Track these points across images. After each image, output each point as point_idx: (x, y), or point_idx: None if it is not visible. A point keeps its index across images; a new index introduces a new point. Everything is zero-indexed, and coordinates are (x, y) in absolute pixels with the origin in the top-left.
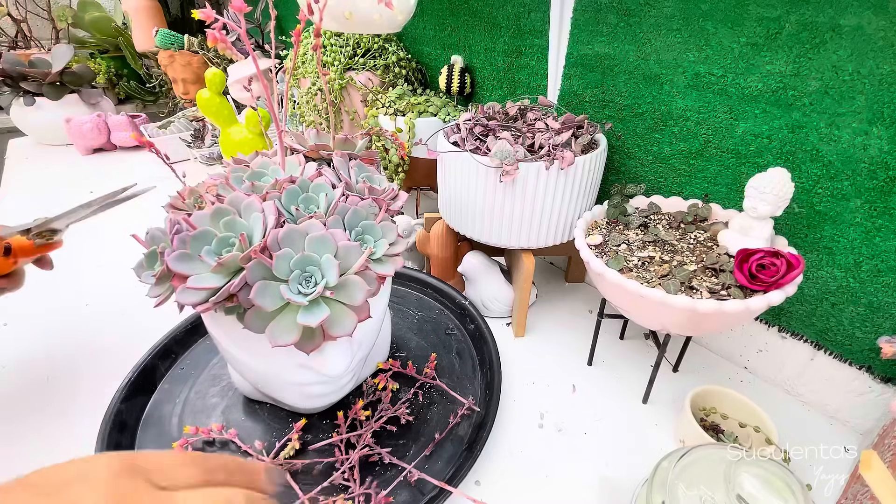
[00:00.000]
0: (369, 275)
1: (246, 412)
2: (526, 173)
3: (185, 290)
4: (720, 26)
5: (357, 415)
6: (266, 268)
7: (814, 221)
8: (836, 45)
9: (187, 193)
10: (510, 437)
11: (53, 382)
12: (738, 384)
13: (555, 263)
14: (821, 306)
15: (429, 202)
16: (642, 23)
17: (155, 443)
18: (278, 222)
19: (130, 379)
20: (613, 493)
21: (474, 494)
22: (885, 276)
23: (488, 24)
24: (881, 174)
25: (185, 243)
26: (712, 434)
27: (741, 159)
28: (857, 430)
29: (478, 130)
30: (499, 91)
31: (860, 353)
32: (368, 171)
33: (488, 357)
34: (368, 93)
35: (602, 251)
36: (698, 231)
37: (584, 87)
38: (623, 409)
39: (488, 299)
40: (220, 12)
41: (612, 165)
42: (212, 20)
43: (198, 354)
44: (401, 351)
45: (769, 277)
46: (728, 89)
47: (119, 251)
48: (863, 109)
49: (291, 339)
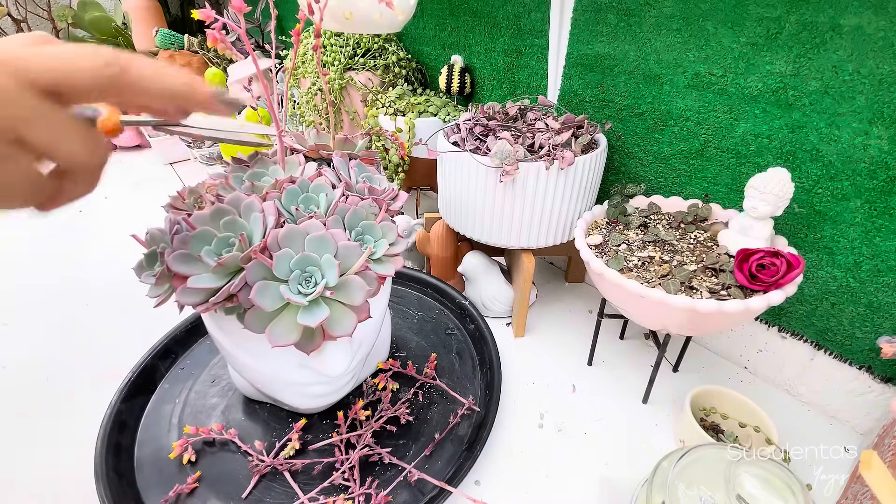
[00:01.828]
0: (369, 275)
1: (246, 412)
2: (526, 173)
3: (185, 290)
4: (720, 26)
5: (357, 415)
6: (266, 268)
7: (814, 221)
8: (836, 45)
9: (187, 193)
10: (510, 437)
11: (53, 382)
12: (738, 384)
13: (555, 263)
14: (821, 306)
15: (429, 202)
16: (642, 23)
17: (155, 443)
18: (278, 222)
19: (130, 379)
20: (613, 493)
21: (474, 494)
22: (885, 276)
23: (488, 24)
24: (881, 174)
25: (185, 243)
26: (712, 434)
27: (741, 159)
28: (857, 430)
29: (478, 130)
30: (499, 91)
31: (860, 353)
32: (368, 171)
33: (488, 357)
34: (368, 93)
35: (602, 251)
36: (698, 231)
37: (584, 87)
38: (623, 409)
39: (488, 299)
40: (219, 12)
41: (612, 165)
42: (211, 20)
43: (198, 354)
44: (401, 351)
45: (769, 277)
46: (728, 89)
47: (119, 251)
48: (863, 109)
49: (291, 339)
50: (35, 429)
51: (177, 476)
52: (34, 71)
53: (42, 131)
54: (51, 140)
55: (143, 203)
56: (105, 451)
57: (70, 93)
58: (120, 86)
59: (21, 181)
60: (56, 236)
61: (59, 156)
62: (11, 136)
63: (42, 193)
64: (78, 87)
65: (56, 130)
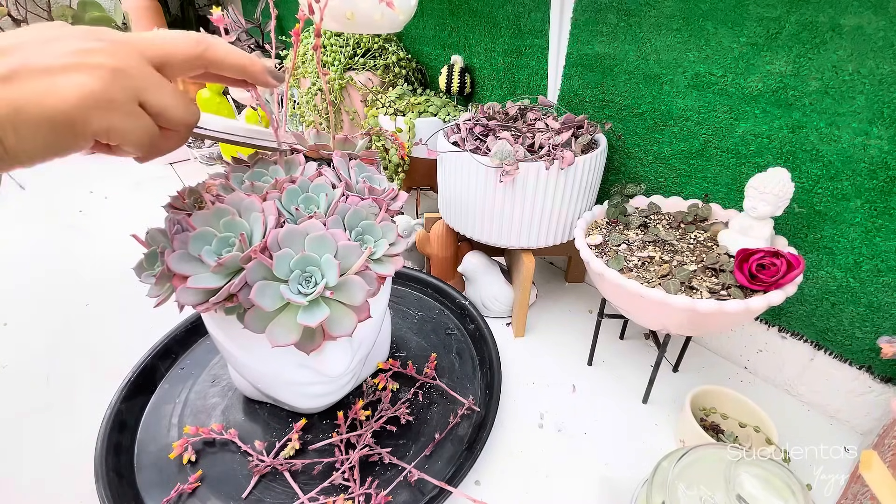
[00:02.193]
0: (369, 275)
1: (246, 412)
2: (526, 173)
3: (185, 290)
4: (720, 26)
5: (357, 415)
6: (266, 268)
7: (814, 221)
8: (836, 45)
9: (187, 193)
10: (510, 437)
11: (53, 382)
12: (738, 384)
13: (555, 263)
14: (821, 306)
15: (429, 202)
16: (642, 23)
17: (155, 443)
18: (278, 222)
19: (130, 379)
20: (613, 493)
21: (474, 494)
22: (885, 276)
23: (488, 24)
24: (881, 174)
25: (185, 243)
26: (712, 434)
27: (741, 159)
28: (857, 430)
29: (478, 130)
30: (499, 91)
31: (860, 353)
32: (368, 171)
33: (488, 357)
34: (368, 93)
35: (602, 251)
36: (698, 231)
37: (584, 87)
38: (623, 409)
39: (488, 299)
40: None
41: (612, 165)
42: (224, 25)
43: (198, 354)
44: (401, 351)
45: (769, 277)
46: (728, 89)
47: (119, 251)
48: (863, 109)
49: (291, 339)
50: (35, 429)
51: (177, 476)
52: (148, 50)
53: (158, 95)
54: (165, 103)
55: (143, 203)
56: (105, 451)
57: (172, 65)
58: (205, 59)
59: (142, 134)
60: (56, 236)
61: (168, 114)
62: (137, 99)
63: (152, 145)
64: (179, 60)
65: (168, 95)
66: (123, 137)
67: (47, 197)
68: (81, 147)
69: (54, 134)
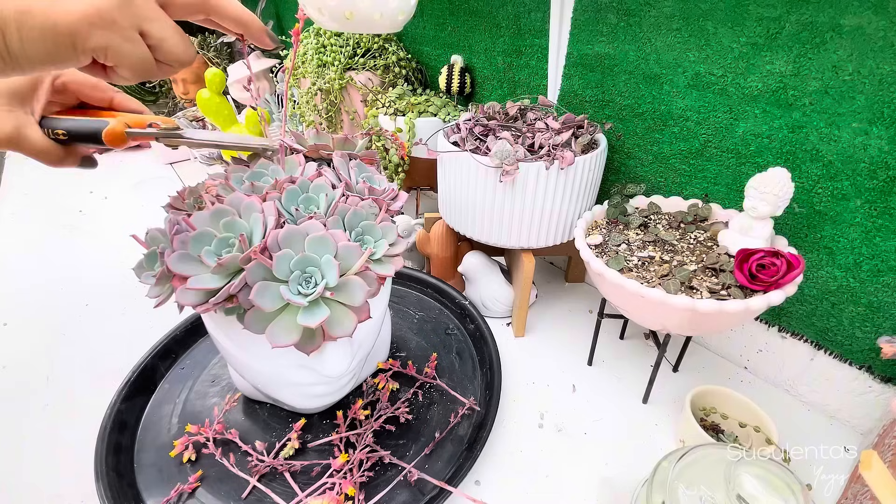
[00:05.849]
0: (369, 275)
1: (246, 412)
2: (526, 173)
3: (185, 290)
4: (720, 26)
5: (357, 414)
6: (266, 268)
7: (814, 221)
8: (836, 45)
9: (187, 193)
10: (510, 437)
11: (53, 382)
12: (738, 384)
13: (555, 263)
14: (821, 306)
15: (429, 202)
16: (642, 23)
17: (155, 443)
18: (278, 223)
19: (130, 379)
20: (613, 493)
21: (474, 494)
22: (885, 276)
23: (488, 24)
24: (881, 174)
25: (185, 244)
26: (712, 434)
27: (741, 159)
28: (857, 430)
29: (478, 130)
30: (499, 91)
31: (860, 353)
32: (368, 171)
33: (488, 357)
34: (368, 93)
35: (602, 251)
36: (698, 231)
37: (584, 87)
38: (623, 409)
39: (488, 299)
40: None
41: (612, 165)
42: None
43: (198, 354)
44: (401, 351)
45: (769, 277)
46: (728, 89)
47: (119, 251)
48: (863, 109)
49: (291, 339)
50: (35, 429)
51: (176, 476)
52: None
53: (158, 26)
54: (164, 35)
55: (143, 203)
56: (105, 451)
57: (176, 4)
58: (209, 5)
59: (137, 60)
60: (56, 236)
61: (166, 46)
62: (139, 27)
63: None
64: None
65: (168, 29)
66: (120, 59)
67: (47, 197)
68: (80, 61)
69: (55, 44)
